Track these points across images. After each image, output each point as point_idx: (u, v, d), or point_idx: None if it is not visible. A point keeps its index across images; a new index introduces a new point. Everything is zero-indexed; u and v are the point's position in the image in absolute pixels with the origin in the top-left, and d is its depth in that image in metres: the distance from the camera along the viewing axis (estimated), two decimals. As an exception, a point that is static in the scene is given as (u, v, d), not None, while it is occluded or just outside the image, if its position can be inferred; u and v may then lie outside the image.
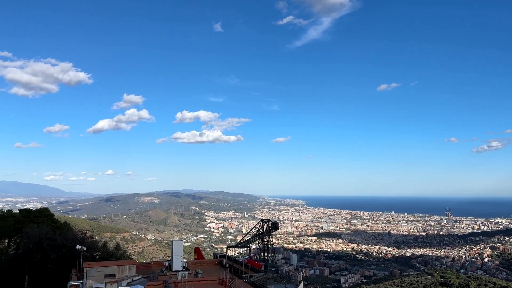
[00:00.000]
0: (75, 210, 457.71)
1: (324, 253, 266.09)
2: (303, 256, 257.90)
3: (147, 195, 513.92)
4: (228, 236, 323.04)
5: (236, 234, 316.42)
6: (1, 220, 55.54)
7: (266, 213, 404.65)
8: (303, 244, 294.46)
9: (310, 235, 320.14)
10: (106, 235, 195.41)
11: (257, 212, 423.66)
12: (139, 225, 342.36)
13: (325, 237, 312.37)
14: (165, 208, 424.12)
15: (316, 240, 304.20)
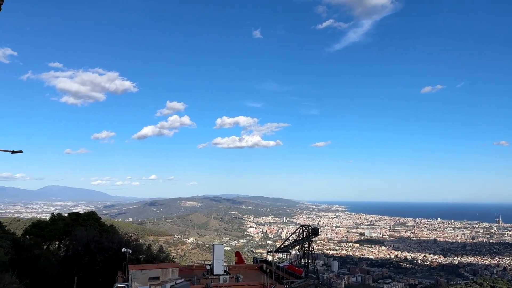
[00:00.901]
0: (120, 213, 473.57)
1: (367, 260, 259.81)
2: (345, 263, 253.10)
3: (188, 200, 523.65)
4: (267, 241, 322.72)
5: (275, 239, 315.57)
6: (52, 223, 58.22)
7: (306, 219, 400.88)
8: (345, 250, 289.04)
9: (352, 242, 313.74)
10: (149, 238, 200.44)
11: (296, 217, 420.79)
12: (181, 228, 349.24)
13: (367, 244, 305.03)
14: (206, 212, 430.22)
15: (358, 246, 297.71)
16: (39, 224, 59.63)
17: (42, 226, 58.01)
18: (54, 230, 56.45)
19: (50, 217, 62.12)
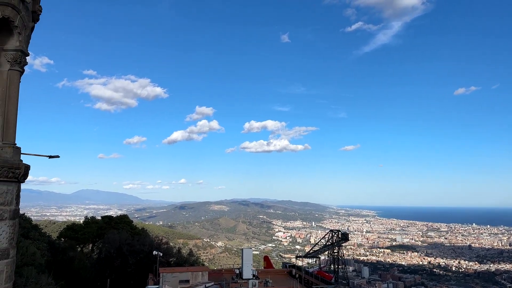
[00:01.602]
0: (151, 217, 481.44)
1: (398, 267, 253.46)
2: (376, 269, 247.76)
3: (216, 203, 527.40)
4: (296, 245, 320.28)
5: (304, 244, 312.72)
6: (85, 226, 59.73)
7: (335, 224, 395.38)
8: (375, 256, 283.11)
9: (383, 247, 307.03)
10: (179, 242, 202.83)
11: (325, 222, 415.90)
12: (210, 232, 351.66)
13: (399, 250, 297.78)
14: (234, 216, 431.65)
15: (389, 252, 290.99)
16: (74, 227, 61.26)
17: (76, 229, 59.57)
18: (87, 233, 57.81)
19: (84, 220, 63.76)
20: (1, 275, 7.82)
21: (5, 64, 8.47)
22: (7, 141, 8.36)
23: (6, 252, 7.96)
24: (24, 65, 8.74)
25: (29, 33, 8.91)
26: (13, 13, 8.18)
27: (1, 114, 8.37)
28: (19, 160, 8.47)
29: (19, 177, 8.28)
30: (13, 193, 8.26)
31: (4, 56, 8.46)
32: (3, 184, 7.92)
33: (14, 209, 8.33)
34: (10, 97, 8.45)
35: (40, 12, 9.23)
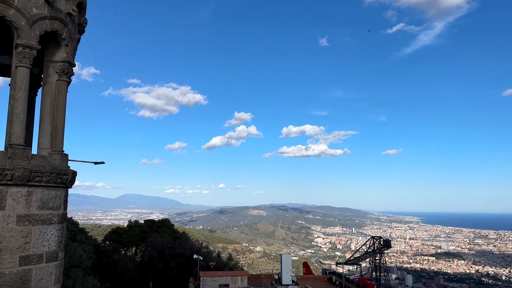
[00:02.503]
0: (191, 221, 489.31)
1: (444, 275, 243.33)
2: (420, 277, 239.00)
3: (255, 208, 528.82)
4: (336, 252, 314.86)
5: (344, 250, 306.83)
6: (129, 230, 61.51)
7: (377, 230, 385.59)
8: (419, 264, 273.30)
9: (427, 255, 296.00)
10: (219, 246, 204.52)
11: (366, 228, 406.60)
12: (248, 237, 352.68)
13: (444, 257, 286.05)
14: (272, 221, 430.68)
15: (434, 260, 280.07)
16: (118, 230, 63.23)
17: (120, 232, 61.46)
18: (131, 236, 59.48)
19: (128, 224, 65.67)
20: (50, 276, 8.16)
21: (54, 75, 8.87)
22: (56, 148, 8.73)
23: (55, 255, 8.30)
24: (71, 76, 9.12)
25: (75, 45, 9.30)
26: (61, 26, 8.56)
27: (50, 122, 8.77)
28: (66, 167, 8.82)
29: (66, 182, 8.61)
30: (61, 198, 8.59)
31: (53, 67, 8.86)
32: (52, 190, 8.26)
33: (62, 213, 8.67)
34: (58, 106, 8.84)
35: (86, 25, 9.64)
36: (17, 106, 7.87)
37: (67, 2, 8.67)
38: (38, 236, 7.88)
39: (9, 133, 7.87)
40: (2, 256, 7.34)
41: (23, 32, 7.88)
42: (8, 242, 7.43)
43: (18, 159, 7.64)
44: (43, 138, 8.75)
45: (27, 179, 7.61)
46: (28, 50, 7.94)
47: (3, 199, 7.44)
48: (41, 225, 7.96)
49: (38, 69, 9.38)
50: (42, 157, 8.46)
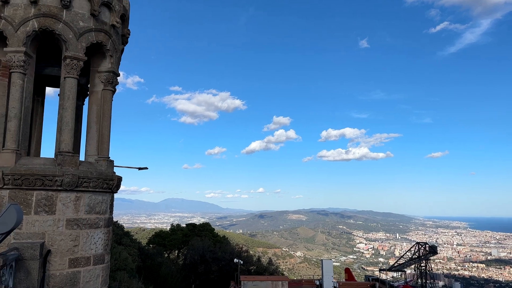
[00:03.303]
0: (231, 225, 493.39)
1: (495, 283, 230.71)
2: (468, 284, 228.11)
3: (294, 213, 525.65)
4: (379, 258, 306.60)
5: (388, 256, 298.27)
6: (172, 233, 62.86)
7: (422, 236, 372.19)
8: (468, 271, 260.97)
9: (476, 262, 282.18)
10: (259, 250, 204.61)
11: (410, 234, 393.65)
12: (288, 241, 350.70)
13: (495, 264, 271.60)
14: (313, 226, 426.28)
15: (484, 267, 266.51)
16: (161, 234, 64.75)
17: (163, 235, 62.91)
18: (174, 239, 60.74)
19: (170, 228, 67.14)
20: (98, 279, 8.47)
21: (99, 85, 9.26)
22: (102, 155, 9.08)
23: (101, 258, 8.61)
24: (115, 85, 9.48)
25: (119, 55, 9.67)
26: (105, 37, 8.92)
27: (96, 130, 9.15)
28: (112, 172, 9.15)
29: (112, 187, 8.93)
30: (108, 203, 8.92)
31: (98, 77, 9.26)
32: (99, 195, 8.59)
33: (108, 218, 9.00)
34: (104, 114, 9.20)
35: (129, 35, 9.99)
36: (66, 115, 8.28)
37: (111, 14, 9.04)
38: (86, 240, 8.22)
39: (59, 141, 8.29)
40: (53, 258, 7.71)
41: (70, 45, 8.29)
42: (59, 245, 7.80)
43: (67, 165, 8.02)
44: (90, 145, 9.15)
45: (75, 184, 7.97)
46: (76, 62, 8.34)
47: (53, 204, 7.83)
48: (88, 228, 8.30)
49: (85, 79, 9.82)
50: (89, 163, 8.84)
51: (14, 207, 5.98)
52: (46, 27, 8.14)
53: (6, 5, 8.11)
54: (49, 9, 8.16)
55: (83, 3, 8.50)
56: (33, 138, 9.95)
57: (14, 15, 8.08)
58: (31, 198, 7.71)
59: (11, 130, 7.96)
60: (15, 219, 5.84)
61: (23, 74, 8.16)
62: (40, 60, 8.97)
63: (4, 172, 7.54)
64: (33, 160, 8.18)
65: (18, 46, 8.03)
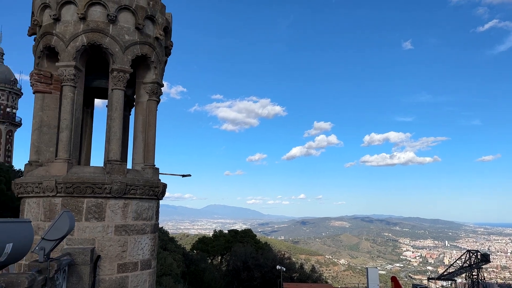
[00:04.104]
0: (273, 231, 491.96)
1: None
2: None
3: (337, 219, 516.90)
4: (427, 266, 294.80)
5: (436, 265, 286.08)
6: (215, 239, 63.56)
7: (473, 243, 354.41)
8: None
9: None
10: (301, 257, 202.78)
11: (460, 241, 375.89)
12: (331, 249, 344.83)
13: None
14: (356, 233, 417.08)
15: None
16: (204, 240, 65.62)
17: (206, 241, 63.73)
18: (216, 245, 61.37)
19: (213, 234, 67.91)
20: (145, 284, 8.70)
21: (144, 95, 9.58)
22: (148, 163, 9.37)
23: (148, 263, 8.85)
24: (160, 95, 9.78)
25: (163, 67, 9.97)
26: (150, 50, 9.24)
27: (142, 139, 9.46)
28: (158, 180, 9.42)
29: (158, 194, 9.19)
30: (153, 209, 9.17)
31: (143, 88, 9.59)
32: (145, 201, 8.85)
33: (154, 224, 9.25)
34: (149, 124, 9.51)
35: (171, 47, 10.29)
36: (114, 126, 8.64)
37: (155, 27, 9.36)
38: (133, 245, 8.48)
39: (107, 150, 8.65)
40: (103, 263, 8.00)
41: (117, 58, 8.65)
42: (108, 251, 8.09)
43: (116, 173, 8.34)
44: (136, 154, 9.49)
45: (123, 192, 8.27)
46: (122, 74, 8.69)
47: (103, 211, 8.16)
48: (136, 234, 8.56)
49: (131, 90, 10.19)
50: (136, 171, 9.15)
51: (67, 214, 6.28)
52: (94, 42, 8.55)
53: (57, 22, 8.61)
54: (97, 24, 8.57)
55: (128, 17, 8.86)
56: (83, 148, 10.43)
57: (65, 31, 8.55)
58: (82, 205, 8.08)
59: (63, 141, 8.39)
60: (68, 225, 6.12)
61: (73, 87, 8.60)
62: (89, 73, 9.43)
63: (57, 181, 7.95)
64: (83, 169, 8.58)
65: (69, 60, 8.48)
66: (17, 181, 8.64)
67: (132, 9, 8.78)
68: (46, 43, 8.74)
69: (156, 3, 9.37)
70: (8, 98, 71.40)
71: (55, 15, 8.49)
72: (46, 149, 8.85)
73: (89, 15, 8.53)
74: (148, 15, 9.06)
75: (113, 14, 8.55)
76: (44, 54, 8.98)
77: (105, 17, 8.59)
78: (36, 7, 8.92)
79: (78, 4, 8.42)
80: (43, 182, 7.99)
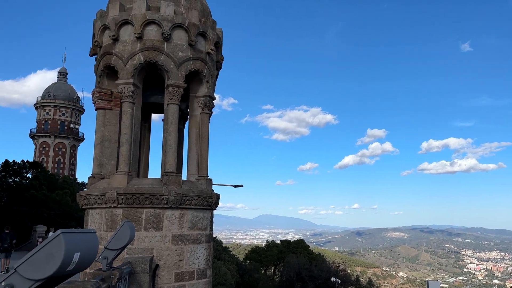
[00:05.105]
0: (326, 242, 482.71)
1: None
2: None
3: (394, 230, 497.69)
4: (493, 280, 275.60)
5: (504, 278, 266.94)
6: (267, 250, 63.42)
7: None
8: None
9: None
10: (357, 269, 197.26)
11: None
12: (388, 261, 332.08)
13: None
14: (415, 244, 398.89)
15: None
16: (257, 250, 65.67)
17: (259, 252, 63.72)
18: (269, 256, 61.16)
19: (266, 244, 67.80)
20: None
21: (198, 109, 9.90)
22: (202, 174, 9.64)
23: (204, 272, 9.03)
24: (212, 108, 10.06)
25: (214, 80, 10.27)
26: (202, 65, 9.56)
27: (196, 151, 9.75)
28: (211, 190, 9.65)
29: (211, 205, 9.41)
30: (208, 219, 9.38)
31: (196, 102, 9.91)
32: (200, 212, 9.09)
33: (209, 233, 9.45)
34: (202, 136, 9.79)
35: (222, 61, 10.58)
36: (170, 139, 9.01)
37: (206, 43, 9.69)
38: (189, 255, 8.72)
39: (164, 162, 9.02)
40: (161, 272, 8.28)
41: (171, 74, 9.04)
42: (165, 260, 8.37)
43: (172, 185, 8.66)
44: (191, 165, 9.81)
45: (179, 202, 8.56)
46: (177, 89, 9.07)
47: (160, 221, 8.47)
48: (191, 244, 8.80)
49: (185, 104, 10.58)
50: (190, 182, 9.45)
51: (128, 224, 6.59)
52: (150, 59, 9.00)
53: (116, 42, 9.16)
54: (153, 43, 9.02)
55: (181, 34, 9.24)
56: (142, 160, 10.92)
57: (123, 50, 9.07)
58: (141, 215, 8.44)
59: (123, 154, 8.85)
60: (129, 235, 6.42)
61: (132, 103, 9.07)
62: (145, 89, 9.92)
63: (118, 192, 8.37)
64: (142, 181, 8.99)
65: (127, 78, 8.97)
66: (82, 193, 9.20)
67: (185, 26, 9.15)
68: (106, 63, 9.31)
69: (208, 20, 9.71)
70: (71, 114, 76.38)
71: (114, 36, 9.04)
72: (107, 163, 9.36)
73: (145, 34, 9.00)
74: (200, 31, 9.40)
75: (168, 32, 8.96)
76: (104, 73, 9.57)
77: (160, 35, 9.02)
78: (97, 29, 9.55)
79: (135, 24, 8.90)
80: (105, 194, 8.45)
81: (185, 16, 9.21)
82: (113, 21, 9.04)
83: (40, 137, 73.65)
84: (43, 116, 74.41)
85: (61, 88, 76.60)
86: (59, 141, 73.93)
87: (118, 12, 9.02)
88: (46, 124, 73.94)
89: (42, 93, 76.60)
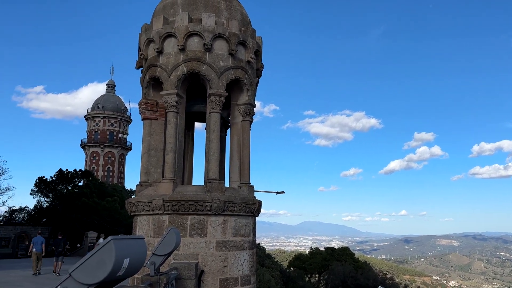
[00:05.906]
0: (372, 250, 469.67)
1: None
2: None
3: (444, 237, 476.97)
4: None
5: None
6: (311, 257, 62.66)
7: None
8: None
9: None
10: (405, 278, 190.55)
11: None
12: (439, 269, 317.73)
13: None
14: (467, 252, 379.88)
15: None
16: (300, 257, 65.03)
17: (303, 259, 63.07)
18: (313, 263, 60.37)
19: (309, 251, 67.05)
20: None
21: (239, 116, 10.05)
22: (244, 181, 9.75)
23: (248, 279, 9.10)
24: (252, 115, 10.18)
25: (255, 88, 10.39)
26: (242, 73, 9.72)
27: (238, 158, 9.89)
28: (253, 197, 9.73)
29: (254, 211, 9.48)
30: (250, 226, 9.46)
31: (237, 110, 10.07)
32: (243, 218, 9.19)
33: (252, 240, 9.51)
34: (243, 143, 9.92)
35: (262, 69, 10.69)
36: (212, 146, 9.21)
37: (246, 51, 9.84)
38: (233, 261, 8.82)
39: (207, 170, 9.22)
40: (206, 278, 8.43)
41: (213, 83, 9.26)
42: (210, 266, 8.52)
43: (215, 192, 8.83)
44: (233, 172, 9.96)
45: (222, 209, 8.70)
46: (218, 98, 9.27)
47: (204, 227, 8.65)
48: (235, 250, 8.90)
49: (226, 112, 10.77)
50: (233, 189, 9.58)
51: (174, 230, 6.78)
52: (193, 70, 9.27)
53: (160, 54, 9.51)
54: (195, 54, 9.29)
55: (222, 44, 9.45)
56: (186, 168, 11.20)
57: (167, 62, 9.39)
58: (186, 222, 8.66)
59: (168, 162, 9.14)
60: (175, 241, 6.60)
61: (176, 113, 9.37)
62: (189, 99, 10.20)
63: (164, 200, 8.64)
64: (187, 188, 9.23)
65: (171, 89, 9.28)
66: (130, 200, 9.57)
67: (226, 36, 9.35)
68: (151, 74, 9.67)
69: (247, 29, 9.87)
70: (120, 125, 79.55)
71: (158, 48, 9.38)
72: (154, 171, 9.69)
73: (187, 46, 9.28)
74: (240, 40, 9.58)
75: (209, 43, 9.19)
76: (150, 84, 9.94)
77: (202, 46, 9.27)
78: (142, 42, 9.96)
79: (178, 37, 9.20)
80: (152, 201, 8.75)
81: (225, 27, 9.41)
82: (157, 34, 9.39)
83: (91, 146, 77.15)
84: (93, 126, 77.96)
85: (110, 100, 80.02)
86: (108, 150, 77.11)
87: (162, 25, 9.37)
88: (96, 135, 77.36)
89: (92, 105, 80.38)
